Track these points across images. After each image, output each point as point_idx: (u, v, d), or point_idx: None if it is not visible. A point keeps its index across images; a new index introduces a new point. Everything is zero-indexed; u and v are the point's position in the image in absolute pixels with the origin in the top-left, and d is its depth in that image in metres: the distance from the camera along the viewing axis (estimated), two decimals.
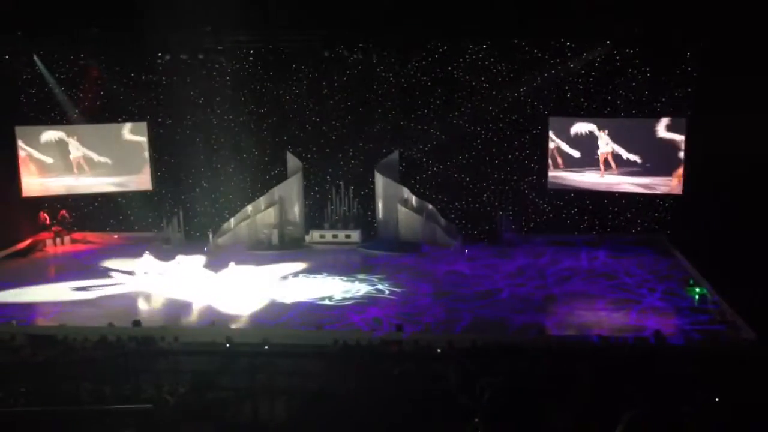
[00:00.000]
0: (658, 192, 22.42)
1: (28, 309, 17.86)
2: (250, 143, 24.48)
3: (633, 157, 22.26)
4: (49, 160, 23.99)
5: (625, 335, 14.70)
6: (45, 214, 24.22)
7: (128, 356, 11.78)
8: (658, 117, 21.95)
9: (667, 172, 21.91)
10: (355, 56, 23.23)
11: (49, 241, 23.89)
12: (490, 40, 22.48)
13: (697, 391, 10.25)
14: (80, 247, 23.82)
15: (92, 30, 20.82)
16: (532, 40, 22.11)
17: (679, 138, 21.54)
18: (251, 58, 23.68)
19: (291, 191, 23.88)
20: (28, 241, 23.56)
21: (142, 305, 18.36)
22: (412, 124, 23.86)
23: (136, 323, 15.70)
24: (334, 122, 24.21)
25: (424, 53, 23.13)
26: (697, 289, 17.85)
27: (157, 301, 18.70)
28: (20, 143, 23.63)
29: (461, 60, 23.18)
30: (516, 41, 22.29)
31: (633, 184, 22.48)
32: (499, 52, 22.82)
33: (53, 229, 24.10)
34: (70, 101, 23.98)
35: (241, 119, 24.27)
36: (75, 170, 24.27)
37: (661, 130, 21.85)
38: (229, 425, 7.40)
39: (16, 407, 7.78)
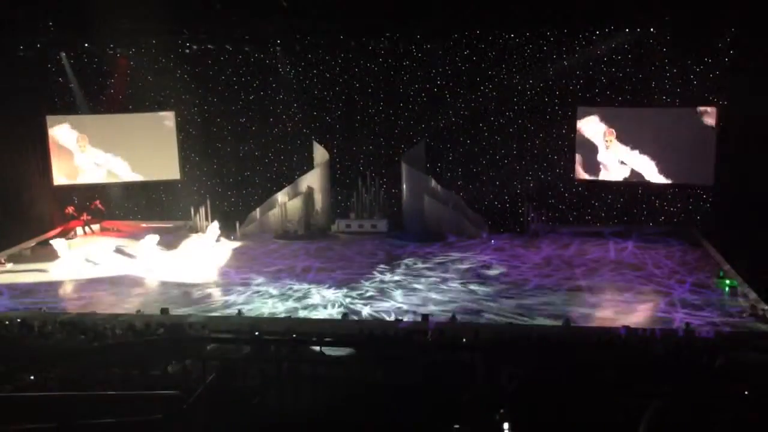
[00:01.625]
0: (689, 182, 22.15)
1: (58, 296, 18.11)
2: (277, 132, 24.67)
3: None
4: (78, 149, 24.37)
5: (652, 327, 14.55)
6: (71, 208, 24.48)
7: (156, 343, 11.93)
8: (689, 106, 21.66)
9: (699, 162, 21.64)
10: (382, 45, 23.24)
11: (79, 230, 24.23)
12: (518, 29, 22.30)
13: (726, 383, 10.14)
14: (109, 235, 24.10)
15: (123, 23, 20.98)
16: (561, 28, 21.90)
17: (711, 127, 21.24)
18: (278, 47, 23.77)
19: (317, 181, 23.95)
20: (58, 230, 23.90)
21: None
22: (439, 115, 23.83)
23: (164, 310, 15.88)
24: (361, 111, 24.26)
25: (452, 43, 23.05)
26: (727, 281, 17.61)
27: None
28: (51, 132, 23.98)
29: (490, 49, 23.06)
30: (544, 30, 22.09)
31: (662, 174, 22.26)
32: (527, 40, 22.64)
33: (83, 217, 24.41)
34: (85, 97, 24.26)
35: (269, 108, 24.47)
36: (101, 160, 24.62)
37: (693, 119, 21.57)
38: (256, 411, 7.45)
39: (47, 391, 7.91)
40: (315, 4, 19.91)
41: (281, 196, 24.01)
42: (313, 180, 23.96)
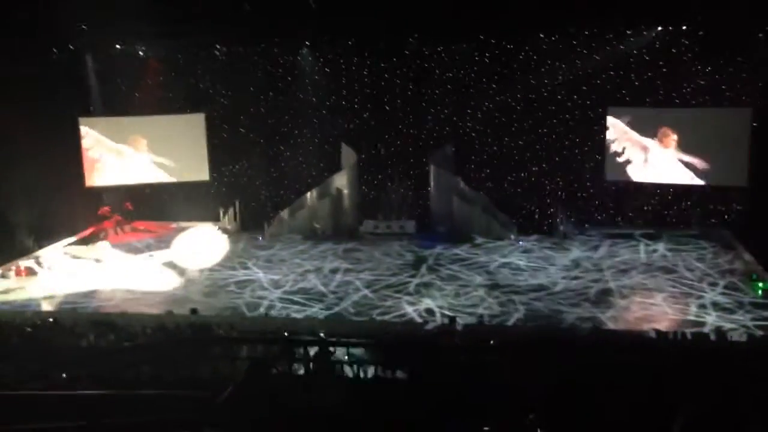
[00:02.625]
0: (722, 183, 21.82)
1: (89, 295, 18.34)
2: (306, 133, 24.78)
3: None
4: (110, 151, 24.71)
5: (684, 330, 14.36)
6: (106, 209, 24.80)
7: (186, 343, 12.04)
8: (723, 106, 21.35)
9: (732, 162, 21.31)
10: (410, 46, 23.25)
11: (110, 230, 24.51)
12: (548, 31, 22.17)
13: (759, 388, 9.97)
14: (140, 235, 24.36)
15: (153, 25, 21.25)
16: (591, 27, 21.73)
17: (745, 127, 20.91)
18: (305, 49, 23.87)
19: (345, 182, 23.99)
20: (90, 230, 24.21)
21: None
22: (467, 116, 23.77)
23: (194, 311, 16.02)
24: (389, 113, 24.27)
25: (479, 45, 22.97)
26: (761, 284, 17.33)
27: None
28: (83, 133, 24.31)
29: (518, 49, 22.94)
30: (573, 31, 21.94)
31: (696, 175, 22.00)
32: (556, 41, 22.48)
33: (114, 218, 24.70)
34: (117, 99, 24.61)
35: (297, 109, 24.58)
36: (132, 161, 24.96)
37: (726, 118, 21.27)
38: (285, 411, 7.47)
39: (79, 390, 8.01)
40: (344, 5, 19.94)
41: (309, 198, 24.09)
42: (341, 181, 24.00)
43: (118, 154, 24.85)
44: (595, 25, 21.56)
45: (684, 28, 21.05)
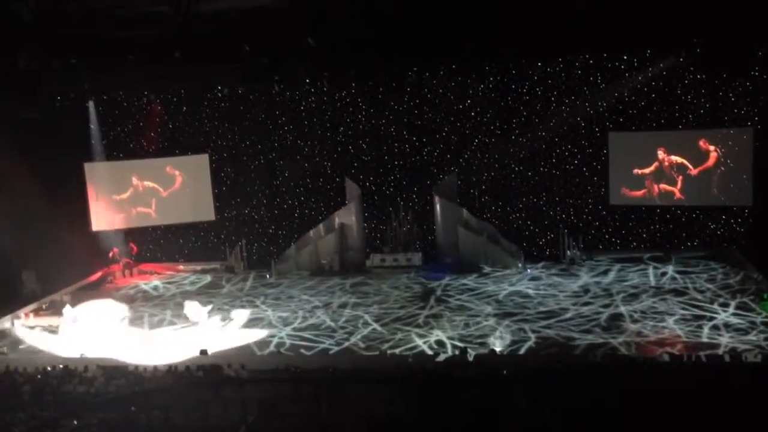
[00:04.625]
0: (728, 204, 21.81)
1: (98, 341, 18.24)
2: (309, 170, 24.89)
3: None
4: (116, 195, 24.87)
5: (698, 353, 14.23)
6: (116, 250, 24.90)
7: (196, 385, 11.97)
8: (724, 127, 21.42)
9: (737, 183, 21.32)
10: (410, 79, 23.44)
11: (118, 273, 24.55)
12: (546, 60, 22.37)
13: None
14: (147, 278, 24.36)
15: (155, 67, 21.55)
16: (592, 56, 21.95)
17: (748, 147, 20.95)
18: (307, 87, 24.08)
19: (350, 217, 24.03)
20: (98, 274, 24.23)
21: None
22: (470, 145, 23.88)
23: (203, 352, 15.93)
24: (391, 146, 24.40)
25: (482, 74, 23.17)
26: None
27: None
28: (88, 178, 24.46)
29: (518, 78, 23.13)
30: (574, 59, 22.16)
31: (701, 196, 21.99)
32: (558, 68, 22.67)
33: (122, 261, 24.75)
34: (122, 142, 24.87)
35: (300, 145, 24.73)
36: (139, 204, 25.08)
37: (729, 139, 21.32)
38: None
39: None
40: (342, 41, 20.14)
41: (315, 233, 24.11)
42: (346, 216, 24.03)
43: (124, 198, 25.00)
44: (596, 56, 21.87)
45: (681, 59, 21.22)
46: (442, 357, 15.31)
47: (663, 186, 22.42)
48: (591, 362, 13.76)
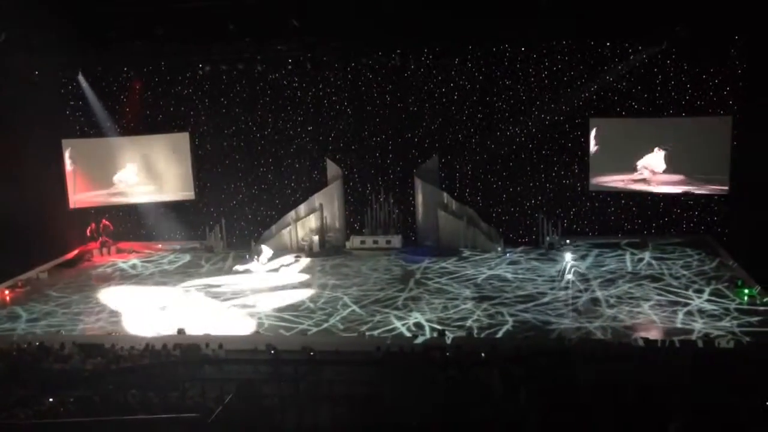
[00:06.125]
0: (704, 192, 22.05)
1: (76, 318, 18.17)
2: (290, 151, 24.78)
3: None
4: (94, 172, 24.61)
5: (671, 338, 14.42)
6: (93, 225, 24.69)
7: (174, 364, 11.95)
8: (702, 115, 21.59)
9: (713, 171, 21.54)
10: (393, 62, 23.35)
11: (95, 251, 24.38)
12: (529, 46, 22.39)
13: (747, 395, 10.02)
14: (125, 256, 24.21)
15: (136, 43, 21.29)
16: (574, 43, 22.00)
17: (726, 135, 21.15)
18: (290, 67, 23.93)
19: (331, 198, 23.99)
20: (75, 252, 24.04)
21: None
22: (452, 129, 23.88)
23: (180, 331, 15.90)
24: (373, 129, 24.35)
25: (463, 58, 23.14)
26: (746, 290, 17.45)
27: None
28: (66, 155, 24.18)
29: (501, 63, 23.14)
30: (556, 44, 22.18)
31: (677, 184, 22.19)
32: (539, 55, 22.70)
33: (100, 239, 24.57)
34: (110, 117, 24.48)
35: (280, 127, 24.60)
36: (119, 181, 24.87)
37: (706, 128, 21.51)
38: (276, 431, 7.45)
39: (67, 416, 7.95)
40: (326, 22, 20.03)
41: (295, 214, 24.06)
42: (326, 197, 24.00)
43: (102, 175, 24.74)
44: (579, 44, 21.93)
45: (663, 48, 21.33)
46: (420, 339, 15.42)
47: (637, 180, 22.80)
48: (566, 346, 13.89)
